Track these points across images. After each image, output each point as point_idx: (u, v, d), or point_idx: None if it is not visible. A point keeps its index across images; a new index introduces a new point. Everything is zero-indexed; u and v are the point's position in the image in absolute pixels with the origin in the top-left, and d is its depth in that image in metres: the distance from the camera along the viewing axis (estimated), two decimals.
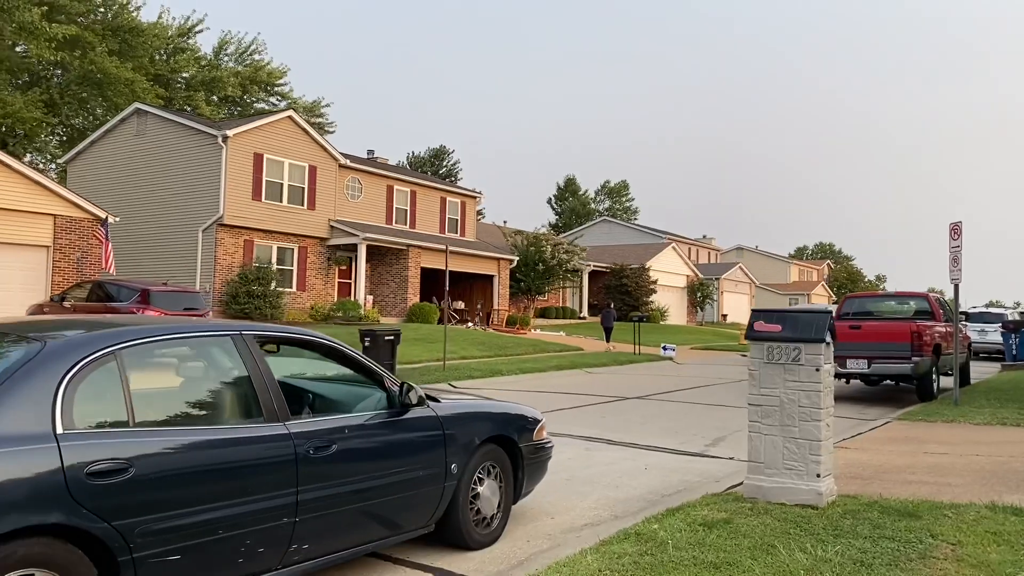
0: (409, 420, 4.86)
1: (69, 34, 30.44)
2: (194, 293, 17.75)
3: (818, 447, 5.92)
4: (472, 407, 5.57)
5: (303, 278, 29.20)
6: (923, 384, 13.78)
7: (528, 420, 5.93)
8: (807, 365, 5.97)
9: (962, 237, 13.00)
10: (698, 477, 7.76)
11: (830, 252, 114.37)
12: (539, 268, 39.39)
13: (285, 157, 28.29)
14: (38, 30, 28.08)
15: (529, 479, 5.84)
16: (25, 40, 28.40)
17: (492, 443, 5.50)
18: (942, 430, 10.39)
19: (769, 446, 6.09)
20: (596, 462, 8.45)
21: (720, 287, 58.59)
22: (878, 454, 8.62)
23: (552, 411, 12.53)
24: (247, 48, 46.41)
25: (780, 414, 6.06)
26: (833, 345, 6.17)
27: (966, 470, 7.64)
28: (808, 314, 6.09)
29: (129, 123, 29.42)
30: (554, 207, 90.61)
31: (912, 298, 16.39)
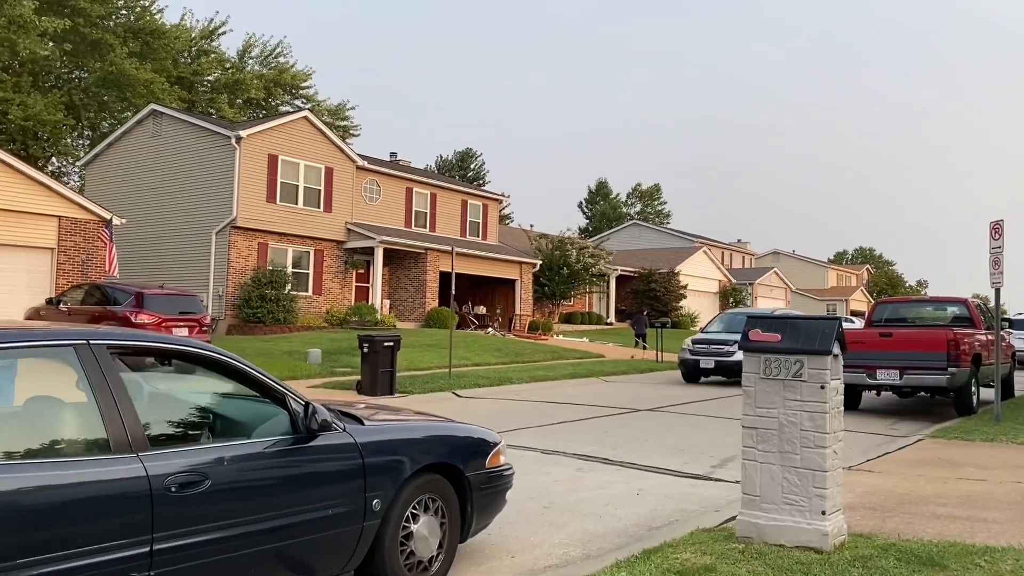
0: (315, 448, 4.05)
1: (61, 28, 30.18)
2: (190, 296, 17.18)
3: (823, 479, 4.99)
4: (404, 430, 4.74)
5: (319, 282, 28.65)
6: (961, 397, 12.65)
7: (480, 444, 5.09)
8: (810, 381, 5.05)
9: (1003, 237, 11.88)
10: (696, 505, 6.85)
11: (870, 257, 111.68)
12: (563, 272, 38.47)
13: (301, 158, 27.78)
14: (28, 23, 27.92)
15: (481, 513, 5.00)
16: (16, 34, 28.16)
17: (431, 472, 4.66)
18: (981, 451, 9.33)
19: (766, 476, 5.17)
20: (584, 485, 7.57)
21: (754, 292, 57.09)
22: (904, 479, 7.62)
23: (553, 424, 11.67)
24: (272, 51, 46.26)
25: (779, 439, 5.14)
26: (843, 357, 5.23)
27: (1006, 502, 6.63)
28: (812, 321, 5.17)
29: (145, 125, 29.16)
30: (585, 211, 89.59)
31: (950, 303, 15.22)
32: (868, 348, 12.85)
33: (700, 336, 19.70)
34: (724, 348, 17.89)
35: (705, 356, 18.37)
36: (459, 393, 15.46)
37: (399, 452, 4.47)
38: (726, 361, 17.82)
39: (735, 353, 16.71)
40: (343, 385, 15.62)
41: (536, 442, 9.93)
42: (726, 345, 17.86)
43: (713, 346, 18.38)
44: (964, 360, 12.31)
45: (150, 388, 3.92)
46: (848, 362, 13.09)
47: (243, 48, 45.71)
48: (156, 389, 3.98)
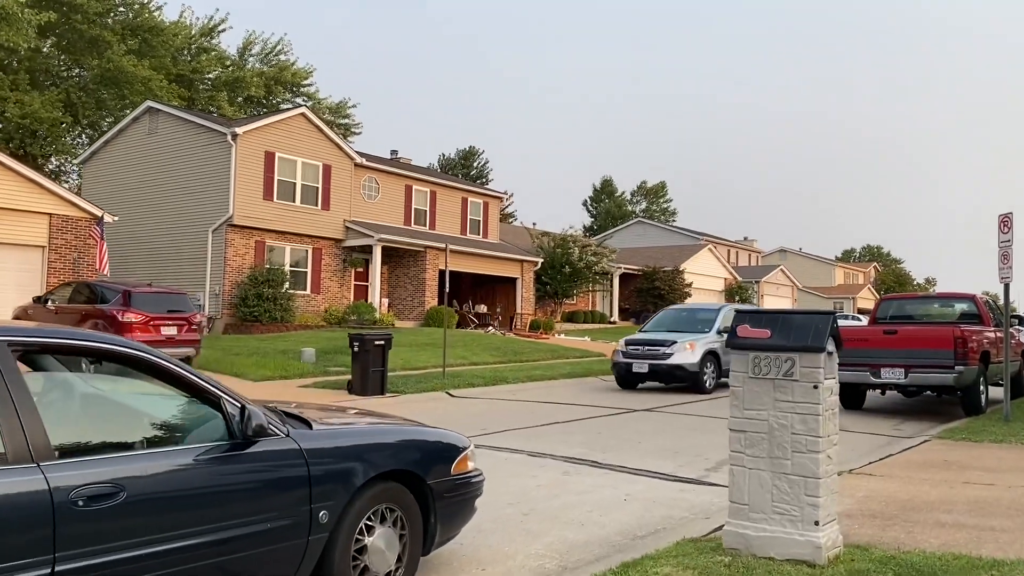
0: (252, 455, 3.68)
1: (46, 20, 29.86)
2: (180, 294, 16.85)
3: (816, 486, 4.60)
4: (358, 435, 4.37)
5: (317, 280, 28.33)
6: (968, 396, 12.23)
7: (445, 449, 4.72)
8: (803, 381, 4.67)
9: (1013, 230, 11.46)
10: (685, 512, 6.47)
11: (878, 255, 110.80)
12: (565, 271, 38.04)
13: (298, 156, 27.45)
14: (11, 16, 27.63)
15: (446, 524, 4.63)
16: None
17: (389, 480, 4.30)
18: (989, 452, 8.92)
19: (755, 484, 4.79)
20: (569, 490, 7.19)
21: (760, 290, 56.56)
22: (908, 483, 7.23)
23: (545, 425, 11.30)
24: (272, 48, 45.96)
25: (768, 443, 4.76)
26: (838, 354, 4.84)
27: (1015, 508, 6.23)
28: (805, 316, 4.78)
29: (141, 122, 28.88)
30: (589, 209, 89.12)
31: (957, 300, 14.78)
32: (872, 346, 12.44)
33: (636, 336, 17.48)
34: (659, 349, 15.89)
35: (638, 359, 16.10)
36: (452, 393, 15.10)
37: (351, 459, 4.10)
38: (661, 364, 15.77)
39: (672, 355, 15.67)
40: (335, 385, 15.29)
41: (524, 444, 9.57)
42: (662, 346, 15.94)
43: (647, 347, 16.11)
44: (972, 358, 11.89)
45: (64, 391, 3.56)
46: (852, 360, 12.78)
47: (243, 46, 45.45)
48: (73, 392, 3.62)
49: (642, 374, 16.05)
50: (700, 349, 15.82)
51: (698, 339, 15.98)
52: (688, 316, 17.68)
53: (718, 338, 15.91)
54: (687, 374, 15.60)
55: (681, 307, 20.96)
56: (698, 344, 15.87)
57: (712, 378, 16.04)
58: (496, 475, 7.75)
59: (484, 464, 8.29)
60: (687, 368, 15.58)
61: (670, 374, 15.78)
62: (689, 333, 16.30)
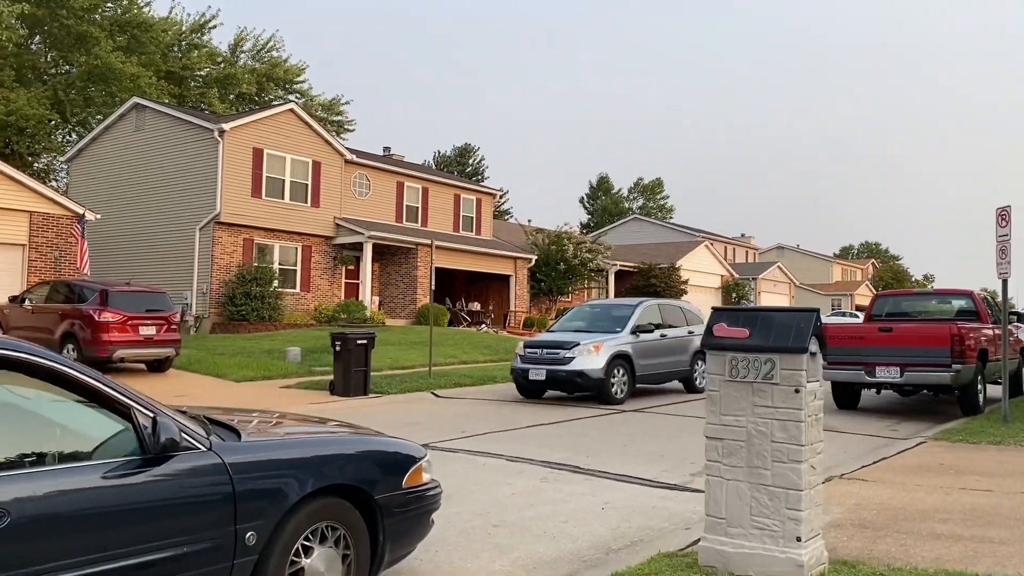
0: (165, 471, 3.31)
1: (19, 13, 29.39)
2: (159, 294, 16.45)
3: (798, 499, 4.23)
4: (293, 446, 3.99)
5: (307, 278, 27.94)
6: (966, 396, 11.87)
7: (396, 460, 4.35)
8: (783, 384, 4.30)
9: (1011, 224, 11.09)
10: (664, 522, 6.10)
11: (876, 251, 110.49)
12: (560, 268, 37.63)
13: (287, 152, 27.05)
14: None
15: (396, 542, 4.26)
16: None
17: (331, 496, 3.93)
18: (987, 455, 8.56)
19: (732, 496, 4.42)
20: (545, 499, 6.82)
21: (757, 287, 56.21)
22: (901, 489, 6.86)
23: (530, 427, 10.93)
24: (265, 45, 45.54)
25: (747, 452, 4.39)
26: (824, 354, 4.47)
27: (1014, 517, 5.87)
28: (786, 314, 4.42)
29: (128, 119, 28.47)
30: (586, 206, 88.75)
31: (954, 296, 14.41)
32: (867, 344, 12.09)
33: (537, 337, 15.42)
34: (559, 353, 13.39)
35: (536, 365, 13.55)
36: (438, 393, 14.74)
37: (284, 473, 3.73)
38: (560, 371, 13.27)
39: (572, 359, 13.21)
40: (318, 385, 14.93)
41: (505, 447, 9.21)
42: (562, 349, 13.41)
43: (546, 350, 13.62)
44: (969, 356, 11.53)
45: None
46: (846, 359, 12.43)
47: (235, 42, 45.01)
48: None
49: (539, 382, 13.58)
50: (607, 352, 13.30)
51: (606, 340, 13.54)
52: (602, 313, 15.21)
53: (632, 339, 13.93)
54: (590, 382, 13.14)
55: (596, 303, 17.59)
56: (605, 346, 13.37)
57: (623, 386, 13.57)
58: (470, 482, 7.40)
59: (458, 470, 7.98)
60: (589, 375, 13.09)
61: (570, 382, 13.34)
62: (599, 333, 13.95)
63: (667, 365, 14.78)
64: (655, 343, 14.41)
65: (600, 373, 13.16)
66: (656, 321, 14.81)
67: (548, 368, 13.41)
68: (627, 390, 13.70)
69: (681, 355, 15.09)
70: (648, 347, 14.19)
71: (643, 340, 14.11)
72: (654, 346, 14.36)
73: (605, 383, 13.22)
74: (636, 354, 13.85)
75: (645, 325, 14.34)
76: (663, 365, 14.62)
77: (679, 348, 15.09)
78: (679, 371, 15.15)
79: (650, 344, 14.25)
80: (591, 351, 13.30)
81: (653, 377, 14.54)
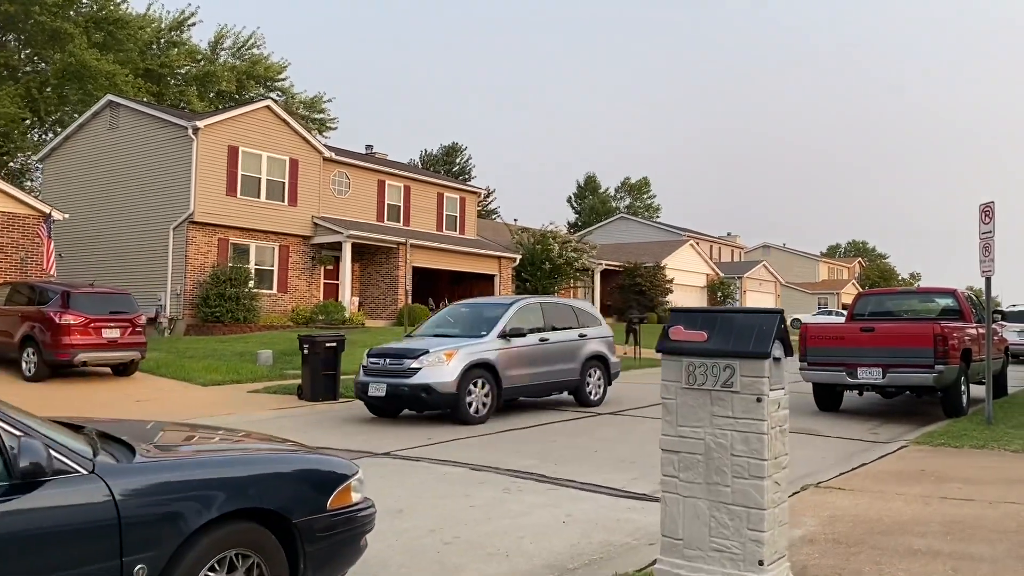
0: (34, 498, 2.91)
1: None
2: (123, 295, 15.95)
3: (760, 519, 3.86)
4: (195, 466, 3.60)
5: (284, 279, 27.45)
6: (949, 397, 11.56)
7: (321, 479, 3.96)
8: (744, 392, 3.93)
9: (995, 220, 10.79)
10: (628, 536, 5.73)
11: (863, 250, 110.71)
12: (545, 267, 37.28)
13: (263, 150, 26.55)
14: None
15: (320, 569, 3.86)
16: None
17: (241, 520, 3.54)
18: (969, 460, 8.24)
19: (690, 514, 4.06)
20: (504, 512, 6.44)
21: (743, 286, 56.04)
22: (880, 498, 6.52)
23: (499, 432, 10.55)
24: (245, 42, 44.94)
25: (705, 467, 4.02)
26: (784, 358, 4.10)
27: (998, 531, 5.53)
28: (747, 315, 4.05)
29: (102, 117, 27.90)
30: (573, 206, 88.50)
31: (937, 295, 14.13)
32: (848, 344, 11.78)
33: (386, 346, 12.45)
34: (403, 363, 11.17)
35: (376, 378, 11.34)
36: None
37: (184, 496, 3.34)
38: (403, 385, 11.00)
39: (419, 371, 10.96)
40: (287, 389, 14.48)
41: (472, 454, 8.83)
42: (407, 358, 11.21)
43: (390, 360, 11.39)
44: (952, 356, 11.22)
45: None
46: (827, 360, 12.11)
47: (215, 39, 44.39)
48: None
49: (379, 398, 11.29)
50: (462, 361, 11.10)
51: (464, 346, 11.40)
52: (471, 313, 13.01)
53: (500, 344, 11.80)
54: (439, 398, 10.94)
55: (472, 301, 14.53)
56: (460, 354, 11.19)
57: (483, 402, 11.34)
58: (427, 494, 7.02)
59: (417, 481, 7.59)
60: (437, 389, 10.85)
61: (415, 398, 11.06)
62: (461, 338, 11.89)
63: (548, 375, 12.52)
64: (532, 349, 12.28)
65: (451, 387, 10.90)
66: (536, 323, 12.66)
67: (389, 382, 11.15)
68: (490, 406, 11.45)
69: (568, 362, 12.85)
70: (522, 354, 12.09)
71: (515, 346, 12.00)
72: (530, 353, 12.25)
73: (458, 399, 11.00)
74: (503, 363, 11.69)
75: (517, 328, 12.14)
76: (543, 375, 12.43)
77: (566, 354, 12.84)
78: (565, 381, 12.87)
79: (525, 350, 12.15)
80: (441, 360, 11.08)
81: (528, 390, 12.39)
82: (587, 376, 13.22)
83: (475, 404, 11.29)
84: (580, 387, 13.11)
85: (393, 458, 8.73)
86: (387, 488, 7.19)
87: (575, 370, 12.99)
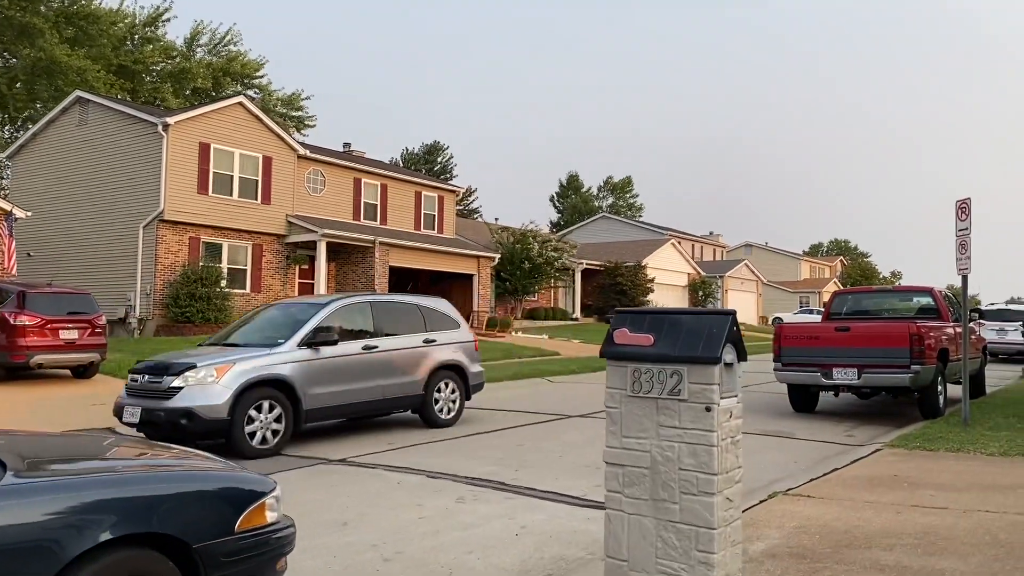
0: None
1: None
2: (83, 295, 15.47)
3: (710, 539, 3.54)
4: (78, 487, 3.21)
5: (258, 278, 26.96)
6: (926, 398, 11.33)
7: (229, 498, 3.59)
8: (692, 401, 3.61)
9: (971, 217, 10.55)
10: (582, 550, 5.41)
11: (846, 249, 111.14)
12: (525, 266, 36.97)
13: (235, 147, 26.05)
14: None
15: None
16: None
17: (131, 546, 3.17)
18: (944, 465, 7.97)
19: (635, 534, 3.73)
20: (456, 523, 6.10)
21: (724, 285, 55.94)
22: (850, 507, 6.23)
23: (464, 436, 10.21)
24: (222, 39, 44.34)
25: (651, 482, 3.69)
26: (739, 361, 3.79)
27: (970, 543, 5.24)
28: (697, 317, 3.72)
29: (71, 113, 27.32)
30: (556, 205, 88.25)
31: (915, 293, 13.92)
32: (823, 344, 11.52)
33: (152, 358, 10.02)
34: (162, 382, 8.89)
35: (133, 399, 9.07)
36: None
37: (58, 521, 2.97)
38: (159, 410, 8.71)
39: (180, 391, 8.71)
40: None
41: (431, 460, 8.48)
42: (168, 374, 8.92)
43: (149, 378, 9.09)
44: (929, 356, 10.99)
45: None
46: (802, 360, 11.85)
47: (191, 36, 43.77)
48: None
49: (135, 424, 8.96)
50: (238, 378, 8.86)
51: (245, 359, 9.12)
52: (280, 315, 10.65)
53: (304, 355, 9.46)
54: (206, 425, 8.61)
55: (283, 302, 11.71)
56: (235, 369, 8.92)
57: (273, 429, 9.03)
58: (376, 505, 6.67)
59: (367, 490, 7.22)
60: (202, 415, 8.55)
61: (174, 426, 8.53)
62: (253, 347, 9.64)
63: (376, 391, 10.18)
64: (351, 360, 9.94)
65: (221, 411, 8.62)
66: (363, 327, 10.49)
67: (145, 405, 8.84)
68: (283, 434, 9.10)
69: (407, 374, 10.56)
70: (336, 366, 9.74)
71: (325, 356, 9.64)
72: (348, 364, 9.89)
73: (233, 427, 8.69)
74: (305, 378, 9.35)
75: (327, 334, 9.73)
76: (368, 391, 10.06)
77: (404, 365, 10.56)
78: (402, 398, 10.56)
79: (340, 362, 9.80)
80: (210, 377, 8.78)
81: (346, 410, 9.96)
82: (435, 391, 10.91)
83: (259, 433, 8.89)
84: (425, 404, 10.79)
85: (348, 465, 8.37)
86: (335, 498, 6.85)
87: (417, 384, 10.67)
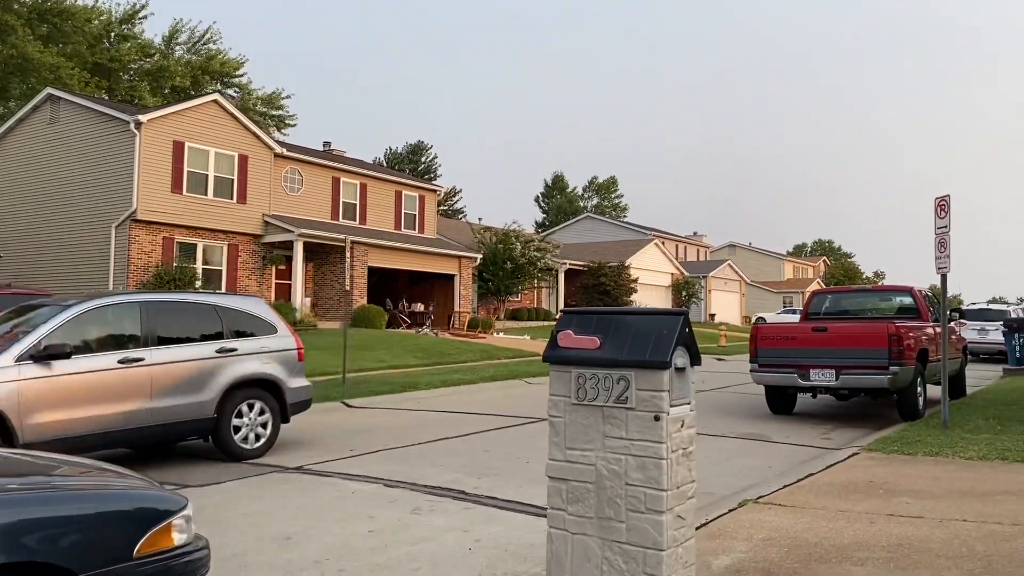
0: None
1: None
2: (43, 296, 15.03)
3: (658, 561, 3.23)
4: None
5: (234, 279, 26.51)
6: (905, 400, 11.09)
7: (130, 520, 3.25)
8: (640, 409, 3.30)
9: (950, 215, 10.32)
10: (537, 566, 5.07)
11: (829, 249, 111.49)
12: (507, 267, 36.66)
13: (210, 145, 25.60)
14: None
15: None
16: None
17: None
18: (922, 470, 7.70)
19: (579, 555, 3.41)
20: (407, 537, 5.77)
21: (708, 285, 55.83)
22: (822, 517, 5.94)
23: (429, 442, 9.86)
24: (201, 37, 43.77)
25: (596, 498, 3.38)
26: (692, 366, 3.48)
27: (946, 556, 4.96)
28: (647, 317, 3.41)
29: (42, 111, 26.80)
30: (541, 205, 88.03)
31: (894, 293, 13.70)
32: (800, 345, 11.27)
33: None
34: None
35: None
36: (350, 403, 13.59)
37: None
38: None
39: None
40: None
41: (391, 468, 8.13)
42: None
43: None
44: (908, 357, 10.75)
45: None
46: (778, 361, 11.59)
47: (170, 34, 43.18)
48: None
49: None
50: None
51: None
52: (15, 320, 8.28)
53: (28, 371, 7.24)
54: None
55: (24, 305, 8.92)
56: None
57: None
58: (325, 517, 6.31)
59: (319, 501, 6.83)
60: None
61: None
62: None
63: (141, 416, 7.88)
64: (100, 377, 7.69)
65: None
66: (129, 332, 8.14)
67: None
68: None
69: (189, 394, 8.28)
70: (75, 385, 7.51)
71: (59, 374, 7.40)
72: (95, 383, 7.64)
73: None
74: (25, 403, 7.13)
75: (58, 345, 7.43)
76: (124, 417, 7.76)
77: (183, 382, 8.27)
78: (181, 424, 8.24)
79: (82, 380, 7.56)
80: None
81: (89, 442, 7.51)
82: (233, 414, 8.66)
83: None
84: (219, 430, 8.54)
85: (304, 473, 8.02)
86: (283, 510, 6.50)
87: (205, 405, 8.42)
